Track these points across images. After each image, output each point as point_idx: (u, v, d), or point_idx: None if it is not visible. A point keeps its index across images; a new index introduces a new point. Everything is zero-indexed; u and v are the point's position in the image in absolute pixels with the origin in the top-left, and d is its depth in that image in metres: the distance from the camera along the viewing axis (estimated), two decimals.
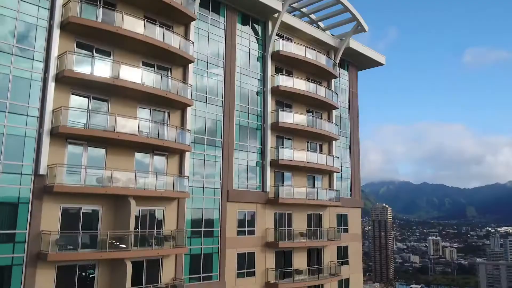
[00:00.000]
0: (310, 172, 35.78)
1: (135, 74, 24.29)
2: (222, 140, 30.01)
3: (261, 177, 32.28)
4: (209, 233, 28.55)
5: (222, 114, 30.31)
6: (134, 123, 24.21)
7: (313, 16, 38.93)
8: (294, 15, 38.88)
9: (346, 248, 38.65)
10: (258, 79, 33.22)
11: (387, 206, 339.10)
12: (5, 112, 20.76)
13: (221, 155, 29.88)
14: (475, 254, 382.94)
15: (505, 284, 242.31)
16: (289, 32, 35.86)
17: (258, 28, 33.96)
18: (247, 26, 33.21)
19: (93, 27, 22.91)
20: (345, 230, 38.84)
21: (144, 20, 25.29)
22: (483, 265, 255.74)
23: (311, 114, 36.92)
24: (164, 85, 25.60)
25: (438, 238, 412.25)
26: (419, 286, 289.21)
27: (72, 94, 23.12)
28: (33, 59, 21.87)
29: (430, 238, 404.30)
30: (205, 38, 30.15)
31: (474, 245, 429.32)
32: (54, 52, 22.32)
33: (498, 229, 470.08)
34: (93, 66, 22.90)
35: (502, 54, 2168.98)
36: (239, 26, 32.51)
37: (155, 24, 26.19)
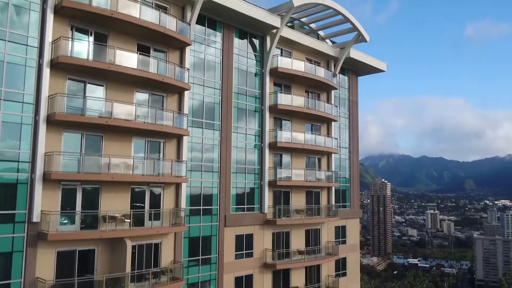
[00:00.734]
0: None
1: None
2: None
3: (259, 198, 32.00)
4: (207, 260, 28.52)
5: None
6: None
7: (313, 25, 37.76)
8: (293, 23, 37.83)
9: (344, 259, 38.77)
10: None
11: (386, 181, 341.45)
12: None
13: (218, 181, 29.54)
14: (472, 227, 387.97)
15: (501, 259, 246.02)
16: (287, 45, 34.89)
17: (256, 42, 33.03)
18: (245, 40, 32.31)
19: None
20: (343, 242, 38.87)
21: (137, 53, 24.52)
22: (480, 240, 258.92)
23: (310, 127, 36.45)
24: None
25: (436, 211, 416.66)
26: (416, 260, 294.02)
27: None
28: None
29: (428, 212, 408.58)
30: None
31: (472, 218, 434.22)
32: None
33: (496, 202, 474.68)
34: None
35: (505, 27, 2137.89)
36: (236, 41, 31.65)
37: (148, 56, 25.41)
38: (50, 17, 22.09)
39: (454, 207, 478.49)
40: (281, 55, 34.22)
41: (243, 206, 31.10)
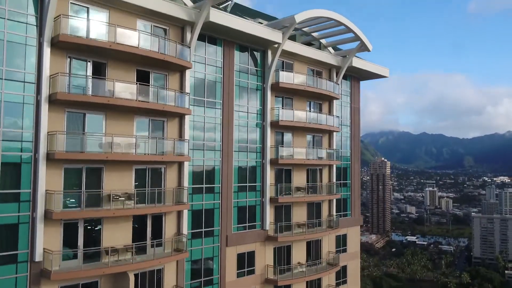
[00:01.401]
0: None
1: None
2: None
3: (260, 215, 32.02)
4: (209, 281, 28.76)
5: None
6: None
7: (315, 34, 36.98)
8: (295, 31, 37.07)
9: (344, 267, 39.11)
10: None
11: (385, 160, 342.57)
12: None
13: (220, 202, 29.50)
14: (470, 204, 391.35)
15: (498, 237, 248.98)
16: (289, 57, 34.29)
17: (257, 54, 32.46)
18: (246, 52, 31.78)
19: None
20: (344, 251, 39.15)
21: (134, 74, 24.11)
22: (477, 219, 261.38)
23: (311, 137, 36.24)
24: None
25: (435, 189, 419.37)
26: (414, 237, 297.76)
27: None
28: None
29: (427, 189, 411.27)
30: None
31: (470, 195, 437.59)
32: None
33: (495, 178, 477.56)
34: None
35: (507, 2, 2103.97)
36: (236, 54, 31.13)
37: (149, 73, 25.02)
38: (47, 50, 21.62)
39: (453, 184, 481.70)
40: (283, 67, 33.75)
41: (245, 225, 31.14)
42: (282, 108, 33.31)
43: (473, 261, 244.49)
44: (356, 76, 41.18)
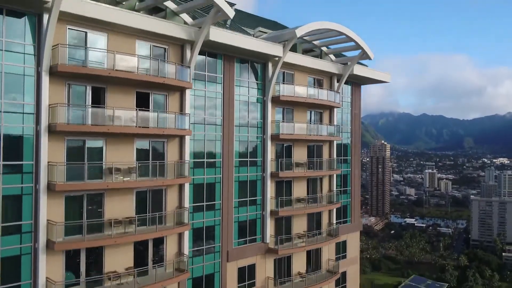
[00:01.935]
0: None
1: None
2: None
3: (260, 228, 32.21)
4: None
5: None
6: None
7: (316, 42, 36.54)
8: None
9: (344, 273, 39.54)
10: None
11: (385, 143, 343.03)
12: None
13: (220, 219, 29.65)
14: (469, 186, 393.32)
15: (496, 220, 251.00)
16: (289, 67, 33.98)
17: (258, 66, 32.19)
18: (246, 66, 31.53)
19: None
20: (344, 257, 39.52)
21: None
22: (476, 202, 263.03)
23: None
24: None
25: (434, 171, 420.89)
26: (413, 219, 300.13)
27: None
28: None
29: (426, 171, 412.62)
30: None
31: (469, 177, 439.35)
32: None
33: (494, 160, 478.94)
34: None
35: None
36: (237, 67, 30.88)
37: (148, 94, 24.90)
38: (45, 80, 21.40)
39: (452, 166, 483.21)
40: (283, 78, 33.50)
41: (245, 239, 31.35)
42: (283, 122, 33.14)
43: (471, 243, 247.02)
44: (357, 81, 40.86)
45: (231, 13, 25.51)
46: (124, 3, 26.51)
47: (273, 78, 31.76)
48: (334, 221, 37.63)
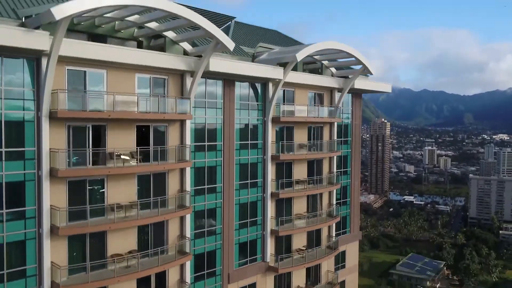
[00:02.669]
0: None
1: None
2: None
3: (261, 247, 32.71)
4: None
5: None
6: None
7: (317, 57, 36.17)
8: None
9: (343, 283, 40.32)
10: None
11: (385, 121, 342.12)
12: None
13: (221, 242, 30.06)
14: (468, 163, 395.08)
15: (494, 198, 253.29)
16: (290, 85, 33.80)
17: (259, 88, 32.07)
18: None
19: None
20: (343, 267, 40.22)
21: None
22: (475, 180, 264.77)
23: None
24: None
25: (434, 147, 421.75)
26: (412, 197, 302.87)
27: None
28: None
29: (426, 148, 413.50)
30: None
31: (469, 153, 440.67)
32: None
33: (494, 136, 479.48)
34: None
35: None
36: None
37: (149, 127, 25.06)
38: (45, 125, 21.36)
39: (452, 142, 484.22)
40: (284, 96, 33.40)
41: (246, 259, 31.87)
42: (282, 142, 33.22)
43: (469, 221, 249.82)
44: (357, 91, 40.65)
45: (231, 45, 25.25)
46: (122, 31, 26.17)
47: (273, 99, 31.66)
48: (334, 234, 38.12)
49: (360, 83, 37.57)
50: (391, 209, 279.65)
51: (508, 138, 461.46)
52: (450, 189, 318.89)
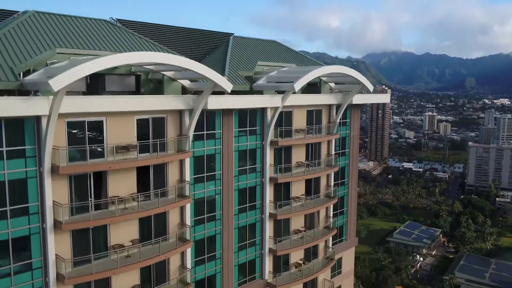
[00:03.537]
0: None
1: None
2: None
3: (259, 266, 33.86)
4: None
5: None
6: None
7: None
8: None
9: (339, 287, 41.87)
10: None
11: (386, 88, 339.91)
12: None
13: (221, 266, 31.12)
14: (468, 128, 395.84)
15: (492, 166, 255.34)
16: (288, 107, 33.93)
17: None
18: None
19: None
20: (339, 273, 41.61)
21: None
22: (474, 148, 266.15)
23: None
24: None
25: (434, 113, 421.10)
26: (411, 164, 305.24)
27: None
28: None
29: (426, 113, 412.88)
30: None
31: (469, 119, 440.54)
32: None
33: (495, 101, 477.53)
34: None
35: None
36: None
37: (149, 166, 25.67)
38: (48, 180, 21.86)
39: (453, 107, 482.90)
40: (282, 117, 33.63)
41: (245, 278, 33.07)
42: (280, 165, 33.73)
43: (467, 188, 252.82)
44: (356, 104, 40.68)
45: (228, 87, 25.34)
46: (120, 67, 26.18)
47: (271, 123, 31.90)
48: (330, 244, 39.24)
49: (358, 98, 37.63)
50: (390, 176, 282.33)
51: (509, 102, 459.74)
52: (449, 155, 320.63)
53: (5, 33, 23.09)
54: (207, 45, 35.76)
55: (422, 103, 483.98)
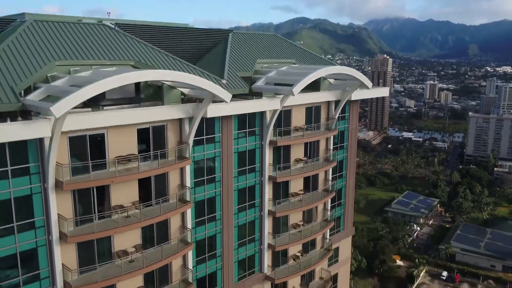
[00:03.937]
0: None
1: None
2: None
3: (258, 260, 34.99)
4: None
5: None
6: None
7: None
8: None
9: (336, 275, 43.23)
10: None
11: (387, 57, 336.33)
12: None
13: (222, 263, 32.21)
14: (469, 97, 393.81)
15: (492, 136, 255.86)
16: (287, 106, 34.15)
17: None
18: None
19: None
20: (336, 261, 42.91)
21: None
22: (474, 118, 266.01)
23: None
24: None
25: (435, 82, 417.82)
26: (410, 133, 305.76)
27: None
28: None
29: (427, 82, 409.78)
30: None
31: (470, 87, 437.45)
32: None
33: (498, 69, 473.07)
34: None
35: None
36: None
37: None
38: (52, 196, 22.48)
39: (455, 75, 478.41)
40: (281, 116, 33.92)
41: (245, 273, 34.25)
42: (278, 165, 34.30)
43: (465, 158, 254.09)
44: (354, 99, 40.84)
45: (227, 97, 25.59)
46: None
47: (270, 125, 32.26)
48: (328, 236, 40.32)
49: (357, 94, 37.76)
50: (389, 146, 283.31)
51: None
52: (449, 124, 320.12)
53: (5, 48, 23.14)
54: (206, 43, 35.62)
55: (424, 71, 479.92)
